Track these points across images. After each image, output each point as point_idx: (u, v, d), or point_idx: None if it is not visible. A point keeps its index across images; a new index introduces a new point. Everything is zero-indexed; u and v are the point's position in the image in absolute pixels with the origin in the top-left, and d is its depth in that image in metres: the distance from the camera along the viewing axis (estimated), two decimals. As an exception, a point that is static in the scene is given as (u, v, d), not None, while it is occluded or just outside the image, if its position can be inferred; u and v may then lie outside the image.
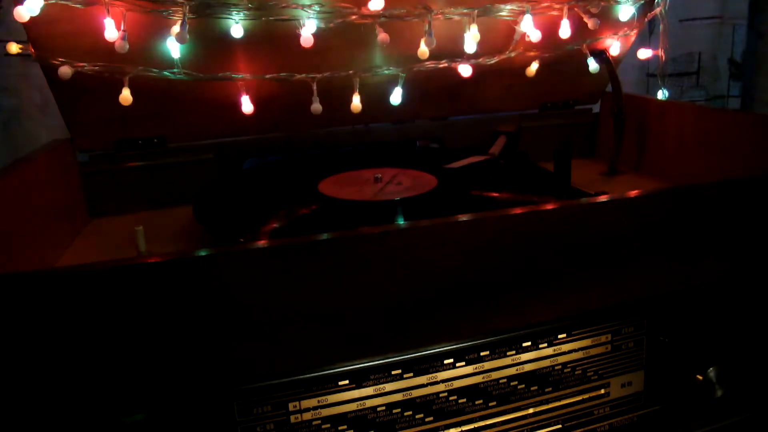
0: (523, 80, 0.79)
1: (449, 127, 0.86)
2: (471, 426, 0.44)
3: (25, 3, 0.52)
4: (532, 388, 0.45)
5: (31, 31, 0.58)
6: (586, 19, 0.69)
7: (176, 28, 0.57)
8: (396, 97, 0.71)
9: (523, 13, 0.67)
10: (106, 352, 0.35)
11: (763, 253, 0.48)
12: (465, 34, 0.65)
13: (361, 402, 0.41)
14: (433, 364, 0.42)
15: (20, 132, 0.80)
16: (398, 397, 0.42)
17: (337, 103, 0.71)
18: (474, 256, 0.40)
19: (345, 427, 0.41)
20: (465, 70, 0.70)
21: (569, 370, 0.46)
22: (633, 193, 0.44)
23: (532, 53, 0.75)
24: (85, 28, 0.59)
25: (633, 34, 0.79)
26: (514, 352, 0.44)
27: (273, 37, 0.64)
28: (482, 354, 0.43)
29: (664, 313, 0.47)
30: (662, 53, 0.81)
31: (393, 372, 0.41)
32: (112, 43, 0.56)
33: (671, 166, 0.76)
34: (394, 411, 0.42)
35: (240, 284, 0.36)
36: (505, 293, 0.42)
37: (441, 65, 0.70)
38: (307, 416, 0.40)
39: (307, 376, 0.39)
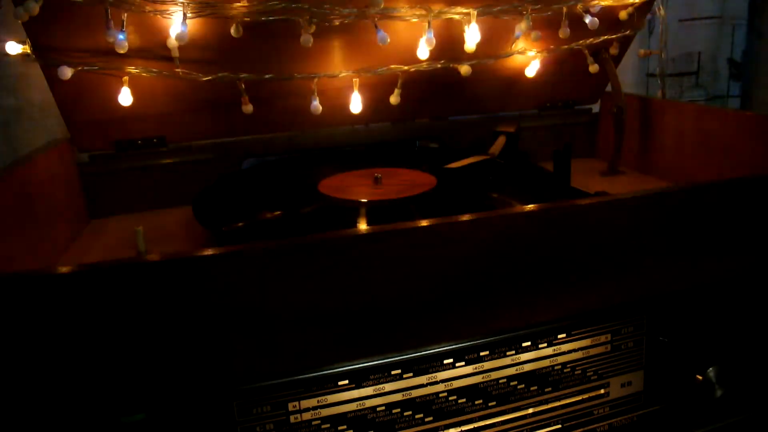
0: (523, 80, 0.79)
1: (449, 127, 0.86)
2: (471, 426, 0.44)
3: (25, 3, 0.52)
4: (531, 388, 0.45)
5: (31, 31, 0.58)
6: (585, 19, 0.69)
7: (176, 28, 0.57)
8: (396, 97, 0.71)
9: (523, 13, 0.67)
10: (106, 352, 0.35)
11: (763, 253, 0.48)
12: (465, 34, 0.65)
13: (361, 402, 0.41)
14: (433, 364, 0.42)
15: (20, 132, 0.80)
16: (398, 397, 0.42)
17: (337, 103, 0.71)
18: (474, 256, 0.40)
19: (345, 427, 0.41)
20: (465, 70, 0.70)
21: (569, 370, 0.46)
22: (633, 193, 0.44)
23: (532, 53, 0.75)
24: (85, 28, 0.59)
25: (633, 34, 0.79)
26: (513, 352, 0.44)
27: (273, 37, 0.64)
28: (482, 354, 0.43)
29: (664, 313, 0.47)
30: (662, 53, 0.81)
31: (393, 372, 0.41)
32: (112, 43, 0.56)
33: (671, 166, 0.76)
34: (394, 411, 0.42)
35: (240, 284, 0.36)
36: (505, 293, 0.42)
37: (441, 65, 0.70)
38: (306, 416, 0.40)
39: (307, 376, 0.39)
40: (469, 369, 0.43)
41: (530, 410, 0.45)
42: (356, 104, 0.70)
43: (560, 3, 0.68)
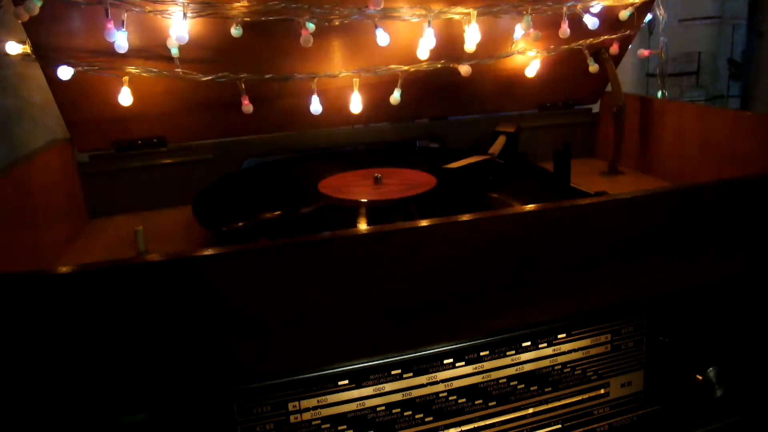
0: (523, 80, 0.79)
1: (449, 127, 0.86)
2: (470, 426, 0.44)
3: (25, 3, 0.52)
4: (531, 388, 0.45)
5: (31, 31, 0.58)
6: (585, 19, 0.69)
7: (176, 28, 0.57)
8: (396, 97, 0.71)
9: (523, 13, 0.67)
10: (106, 352, 0.35)
11: (763, 253, 0.48)
12: (465, 34, 0.65)
13: (361, 402, 0.41)
14: (433, 364, 0.42)
15: (20, 132, 0.80)
16: (398, 397, 0.42)
17: (337, 103, 0.71)
18: (474, 256, 0.40)
19: (344, 427, 0.41)
20: (465, 70, 0.70)
21: (569, 370, 0.46)
22: (633, 193, 0.44)
23: (532, 53, 0.75)
24: (85, 28, 0.59)
25: (633, 34, 0.79)
26: (513, 352, 0.44)
27: (273, 37, 0.64)
28: (482, 354, 0.43)
29: (664, 313, 0.47)
30: (661, 53, 0.81)
31: (393, 372, 0.41)
32: (112, 43, 0.56)
33: (671, 166, 0.76)
34: (394, 411, 0.42)
35: (240, 284, 0.36)
36: (505, 293, 0.42)
37: (441, 65, 0.70)
38: (306, 416, 0.40)
39: (307, 376, 0.39)
40: (469, 369, 0.43)
41: (530, 410, 0.45)
42: (356, 104, 0.70)
43: (560, 3, 0.68)
